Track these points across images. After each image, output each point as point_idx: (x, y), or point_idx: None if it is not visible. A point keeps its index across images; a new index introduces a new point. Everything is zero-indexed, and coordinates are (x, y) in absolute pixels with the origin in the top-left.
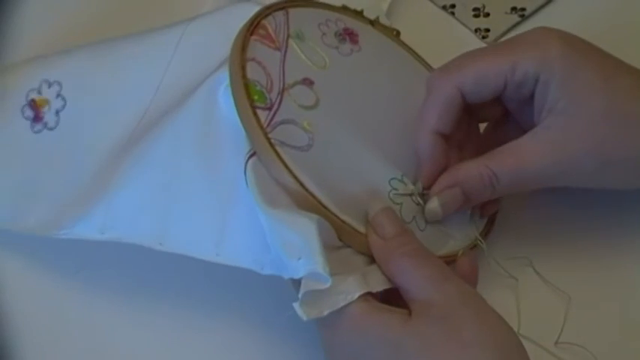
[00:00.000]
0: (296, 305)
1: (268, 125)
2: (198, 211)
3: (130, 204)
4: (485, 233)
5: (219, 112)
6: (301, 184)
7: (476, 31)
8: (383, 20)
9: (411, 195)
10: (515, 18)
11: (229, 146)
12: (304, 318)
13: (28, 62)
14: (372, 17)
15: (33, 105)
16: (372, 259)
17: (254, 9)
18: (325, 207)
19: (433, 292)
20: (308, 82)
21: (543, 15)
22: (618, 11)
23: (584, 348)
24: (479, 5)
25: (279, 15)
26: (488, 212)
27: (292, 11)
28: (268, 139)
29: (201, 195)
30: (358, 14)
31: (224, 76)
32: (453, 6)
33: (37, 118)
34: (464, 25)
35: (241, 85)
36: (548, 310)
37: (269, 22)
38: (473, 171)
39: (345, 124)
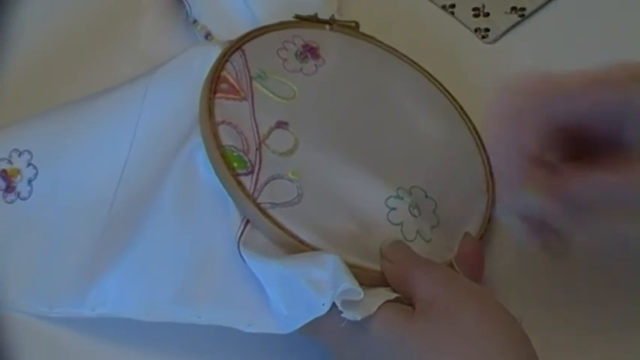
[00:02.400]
0: (346, 314)
1: (254, 190)
2: (181, 279)
3: (117, 280)
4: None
5: (199, 181)
6: (302, 242)
7: (475, 30)
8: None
9: (409, 208)
10: (515, 18)
11: (212, 214)
12: (358, 318)
13: None
14: (327, 16)
15: (4, 175)
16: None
17: (213, 51)
18: None
19: (439, 290)
20: (283, 125)
21: (543, 15)
22: (618, 11)
23: None
24: (478, 5)
25: (237, 58)
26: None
27: (248, 47)
28: (258, 206)
29: (183, 263)
30: (312, 19)
31: (199, 143)
32: (452, 6)
33: (9, 188)
34: (464, 24)
35: (218, 155)
36: None
37: (229, 72)
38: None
39: (329, 156)
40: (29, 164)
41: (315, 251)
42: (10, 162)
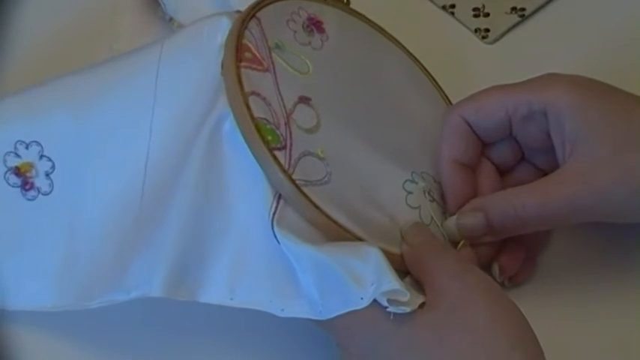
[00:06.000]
0: (392, 308)
1: (289, 166)
2: (211, 258)
3: (149, 261)
4: None
5: (224, 155)
6: (335, 222)
7: (476, 31)
8: None
9: (424, 193)
10: (515, 18)
11: (239, 191)
12: (407, 310)
13: None
14: None
15: (17, 172)
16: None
17: (223, 19)
18: (361, 240)
19: (450, 281)
20: (305, 100)
21: (543, 15)
22: (618, 11)
23: None
24: (479, 5)
25: (254, 26)
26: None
27: (262, 15)
28: (294, 182)
29: (213, 241)
30: None
31: (221, 115)
32: (452, 6)
33: (26, 184)
34: (464, 25)
35: (252, 128)
36: None
37: (249, 40)
38: (498, 196)
39: (349, 136)
40: (42, 156)
41: (353, 242)
42: (17, 155)
